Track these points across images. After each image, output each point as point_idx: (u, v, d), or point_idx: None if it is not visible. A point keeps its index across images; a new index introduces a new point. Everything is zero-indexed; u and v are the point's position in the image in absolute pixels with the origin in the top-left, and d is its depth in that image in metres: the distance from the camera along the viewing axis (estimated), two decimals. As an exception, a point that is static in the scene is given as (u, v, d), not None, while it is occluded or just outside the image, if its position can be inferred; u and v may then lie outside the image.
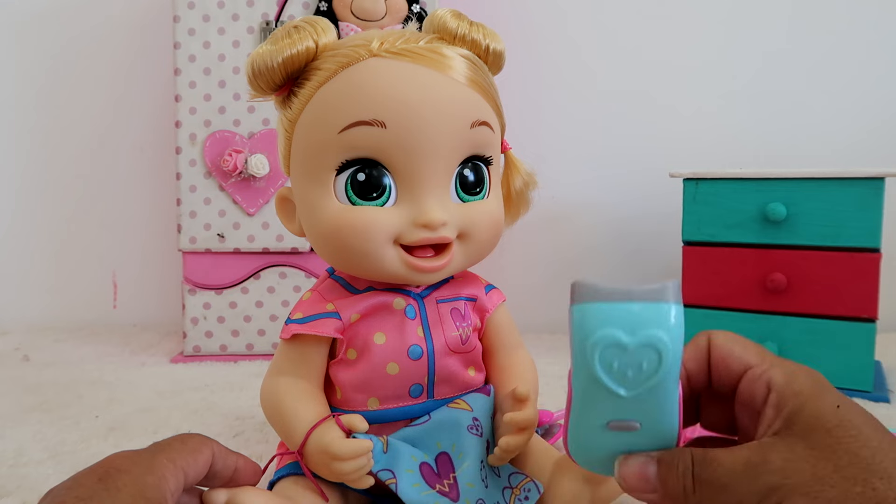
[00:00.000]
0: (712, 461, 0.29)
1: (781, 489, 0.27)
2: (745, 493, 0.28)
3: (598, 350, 0.29)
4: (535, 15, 1.21)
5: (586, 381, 0.30)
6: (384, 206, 0.42)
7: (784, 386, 0.30)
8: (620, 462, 0.31)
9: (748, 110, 1.17)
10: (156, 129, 1.24)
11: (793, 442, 0.28)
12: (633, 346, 0.29)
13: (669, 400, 0.31)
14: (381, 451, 0.42)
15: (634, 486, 0.31)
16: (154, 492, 0.32)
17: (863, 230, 0.79)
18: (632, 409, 0.31)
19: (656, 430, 0.31)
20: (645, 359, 0.29)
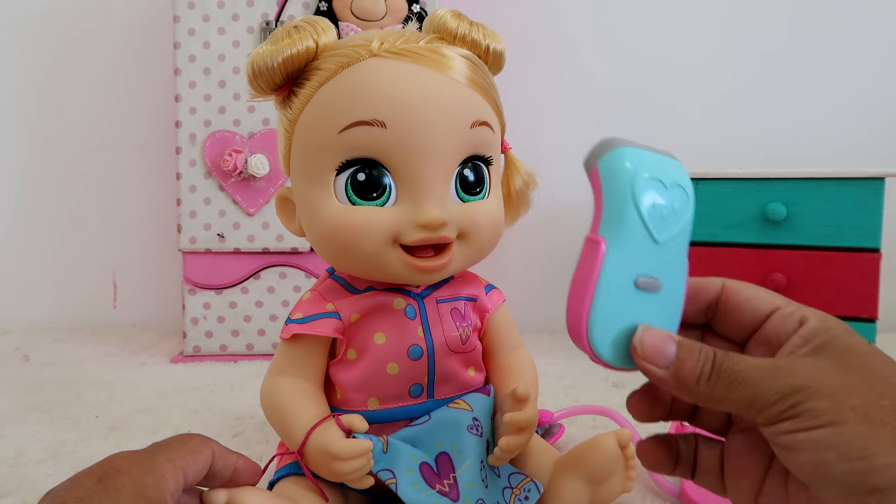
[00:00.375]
0: (735, 356, 0.28)
1: (805, 390, 0.26)
2: (764, 389, 0.27)
3: (643, 184, 0.30)
4: (535, 15, 1.21)
5: (627, 229, 0.30)
6: (384, 206, 0.42)
7: (818, 322, 0.29)
8: (644, 328, 0.30)
9: (748, 110, 1.17)
10: (156, 129, 1.24)
11: (821, 359, 0.27)
12: (669, 184, 0.31)
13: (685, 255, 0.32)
14: (381, 451, 0.42)
15: (649, 355, 0.29)
16: (154, 492, 0.31)
17: (863, 230, 0.80)
18: (659, 261, 0.31)
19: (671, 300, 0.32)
20: (677, 200, 0.31)
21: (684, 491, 0.51)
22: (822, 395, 0.26)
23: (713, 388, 0.28)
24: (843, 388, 0.26)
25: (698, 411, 0.34)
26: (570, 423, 0.68)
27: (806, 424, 0.26)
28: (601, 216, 0.31)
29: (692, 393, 0.29)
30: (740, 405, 0.28)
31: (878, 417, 0.25)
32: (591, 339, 0.30)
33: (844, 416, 0.25)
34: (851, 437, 0.25)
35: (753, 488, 0.31)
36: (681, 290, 0.32)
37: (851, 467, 0.25)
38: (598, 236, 0.31)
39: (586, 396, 0.78)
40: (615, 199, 0.31)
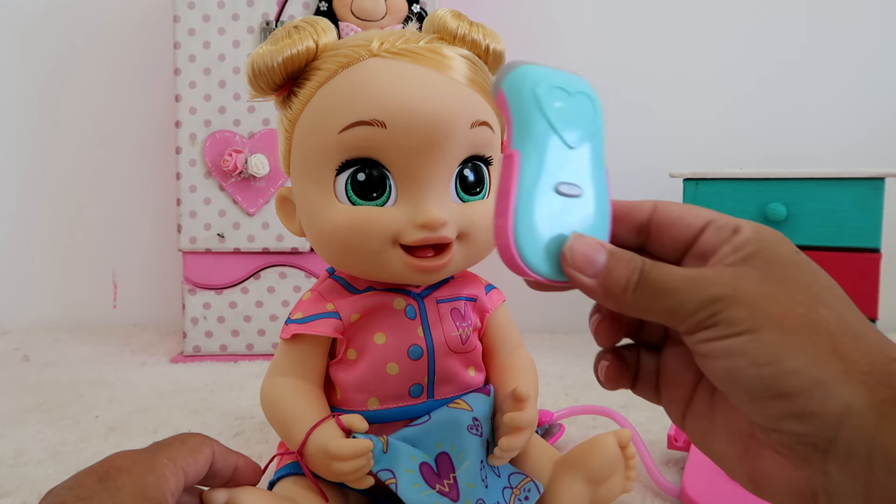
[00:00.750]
0: (662, 266, 0.28)
1: (724, 300, 0.26)
2: (687, 299, 0.27)
3: (545, 94, 0.31)
4: (535, 15, 1.21)
5: (538, 137, 0.31)
6: (384, 206, 0.42)
7: (751, 231, 0.29)
8: (576, 236, 0.30)
9: (748, 111, 1.18)
10: (156, 129, 1.24)
11: (746, 268, 0.28)
12: (573, 91, 0.33)
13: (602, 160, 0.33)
14: (380, 451, 0.42)
15: (579, 263, 0.29)
16: (154, 491, 0.32)
17: (863, 230, 0.80)
18: (575, 165, 0.32)
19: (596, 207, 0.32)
20: (582, 106, 0.33)
21: (684, 491, 0.51)
22: (741, 304, 0.26)
23: (639, 297, 0.28)
24: (762, 297, 0.26)
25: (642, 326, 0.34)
26: (570, 423, 0.68)
27: (722, 333, 0.26)
28: (512, 133, 0.32)
29: (618, 302, 0.29)
30: (664, 314, 0.28)
31: (791, 325, 0.26)
32: (519, 251, 0.30)
33: (759, 324, 0.26)
34: (763, 344, 0.26)
35: (684, 398, 0.32)
36: (605, 198, 0.33)
37: (760, 373, 0.25)
38: (511, 150, 0.31)
39: (586, 396, 0.78)
40: (522, 111, 0.32)
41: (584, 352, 1.02)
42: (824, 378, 0.25)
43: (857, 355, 0.25)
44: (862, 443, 0.24)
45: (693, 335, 0.27)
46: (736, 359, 0.26)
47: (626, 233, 0.32)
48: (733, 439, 0.29)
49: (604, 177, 0.33)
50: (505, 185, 0.31)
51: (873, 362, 0.25)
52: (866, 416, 0.24)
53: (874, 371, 0.25)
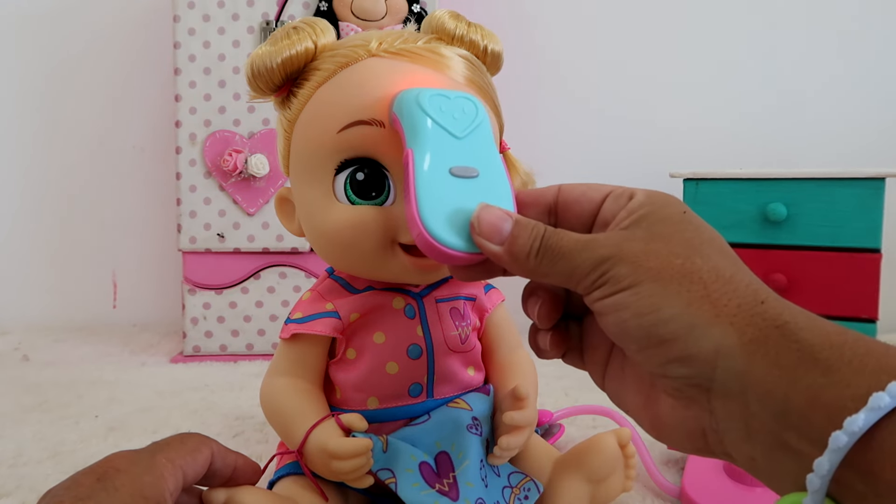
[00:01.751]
0: (562, 233, 0.30)
1: (611, 259, 0.28)
2: (580, 261, 0.29)
3: (426, 100, 0.36)
4: (534, 15, 1.21)
5: (424, 133, 0.35)
6: (383, 205, 0.42)
7: (644, 196, 0.31)
8: (482, 206, 0.32)
9: (748, 111, 1.17)
10: (156, 128, 1.24)
11: (635, 230, 0.29)
12: (453, 97, 0.37)
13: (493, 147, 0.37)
14: (380, 451, 0.42)
15: (487, 231, 0.31)
16: (152, 491, 0.32)
17: (863, 230, 0.79)
18: (467, 152, 0.36)
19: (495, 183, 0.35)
20: (464, 107, 0.37)
21: (684, 491, 0.51)
22: (625, 262, 0.28)
23: (540, 262, 0.30)
24: (644, 253, 0.28)
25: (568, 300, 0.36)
26: (570, 423, 0.68)
27: (610, 290, 0.28)
28: (405, 140, 0.36)
29: (523, 267, 0.31)
30: (563, 278, 0.30)
31: (668, 275, 0.27)
32: (429, 230, 0.32)
33: (640, 279, 0.28)
34: (643, 296, 0.27)
35: (602, 361, 0.34)
36: (502, 175, 0.36)
37: (641, 322, 0.27)
38: (405, 150, 0.35)
39: (586, 396, 0.78)
40: (410, 119, 0.36)
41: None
42: (696, 322, 0.27)
43: (726, 299, 0.27)
44: (736, 380, 0.26)
45: (589, 295, 0.29)
46: (622, 312, 0.28)
47: (536, 216, 0.34)
48: (639, 391, 0.31)
49: (499, 159, 0.37)
50: (405, 181, 0.34)
51: (741, 304, 0.27)
52: (737, 355, 0.26)
53: (742, 313, 0.27)
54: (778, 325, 0.26)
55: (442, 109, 0.36)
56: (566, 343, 0.35)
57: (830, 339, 0.25)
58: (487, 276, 0.35)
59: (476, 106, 0.38)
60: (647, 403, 0.31)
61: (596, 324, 0.32)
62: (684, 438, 0.29)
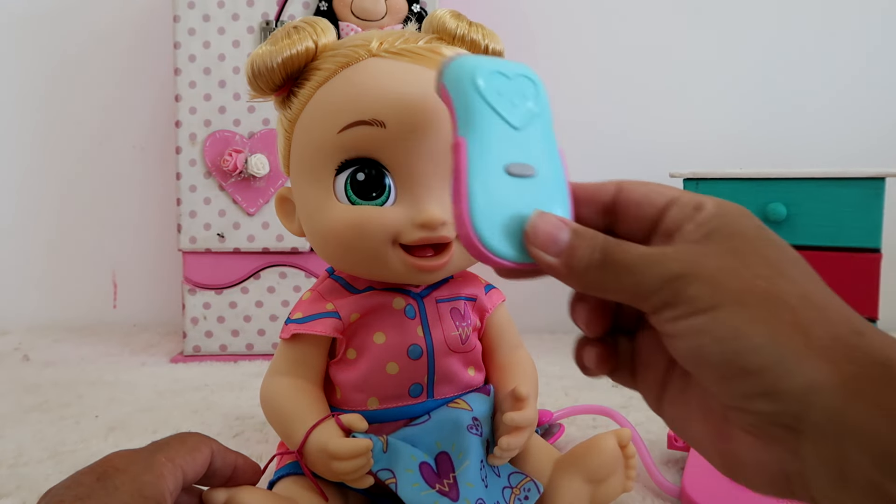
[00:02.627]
0: (625, 244, 0.28)
1: (686, 277, 0.26)
2: (648, 276, 0.26)
3: (484, 79, 0.32)
4: (534, 15, 1.21)
5: (481, 121, 0.31)
6: (384, 205, 0.42)
7: (714, 207, 0.28)
8: (538, 214, 0.29)
9: (748, 110, 1.17)
10: (156, 129, 1.24)
11: (708, 244, 0.27)
12: (512, 75, 0.33)
13: (552, 139, 0.33)
14: (380, 451, 0.42)
15: (542, 241, 0.29)
16: (152, 490, 0.32)
17: (863, 230, 0.80)
18: (524, 145, 0.32)
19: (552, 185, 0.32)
20: (524, 89, 0.33)
21: (684, 491, 0.51)
22: (702, 281, 0.26)
23: (602, 276, 0.28)
24: (723, 272, 0.26)
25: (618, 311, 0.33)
26: (570, 423, 0.68)
27: (684, 311, 0.26)
28: (457, 123, 0.32)
29: (582, 281, 0.28)
30: (627, 294, 0.27)
31: (752, 298, 0.25)
32: (478, 235, 0.29)
33: (720, 301, 0.25)
34: (724, 320, 0.25)
35: (659, 382, 0.31)
36: (561, 177, 0.32)
37: (723, 350, 0.25)
38: (457, 139, 0.31)
39: (586, 396, 0.78)
40: (463, 99, 0.32)
41: (584, 352, 1.02)
42: (786, 353, 0.24)
43: (819, 329, 0.25)
44: (832, 422, 0.23)
45: (657, 315, 0.27)
46: (699, 337, 0.25)
47: (592, 215, 0.32)
48: (707, 422, 0.29)
49: (557, 155, 0.33)
50: (456, 173, 0.31)
51: (836, 336, 0.24)
52: (833, 394, 0.23)
53: (837, 346, 0.24)
54: (881, 361, 0.23)
55: (500, 93, 0.32)
56: (614, 360, 0.32)
57: None
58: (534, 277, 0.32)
59: (536, 87, 0.34)
60: (717, 437, 0.28)
61: (652, 341, 0.30)
62: (763, 480, 0.26)
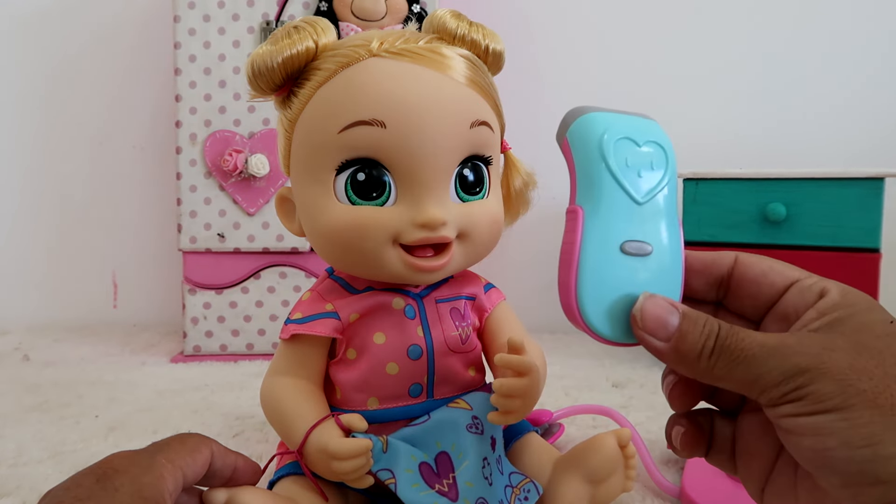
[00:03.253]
0: (741, 331, 0.26)
1: (811, 372, 0.24)
2: (769, 369, 0.25)
3: (613, 145, 0.30)
4: (535, 15, 1.21)
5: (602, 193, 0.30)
6: (384, 205, 0.42)
7: (838, 295, 0.27)
8: (646, 297, 0.28)
9: (748, 110, 1.17)
10: (156, 129, 1.24)
11: (833, 336, 0.25)
12: (642, 143, 0.31)
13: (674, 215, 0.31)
14: (380, 451, 0.42)
15: (650, 326, 0.27)
16: (152, 491, 0.32)
17: (863, 230, 0.80)
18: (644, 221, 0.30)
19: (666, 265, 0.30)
20: (652, 157, 0.31)
21: (684, 491, 0.51)
22: (829, 378, 0.24)
23: (715, 364, 0.26)
24: (854, 370, 0.24)
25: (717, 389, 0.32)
26: (570, 423, 0.68)
27: (809, 409, 0.24)
28: (576, 186, 0.31)
29: (692, 368, 0.27)
30: (742, 384, 0.26)
31: (889, 403, 0.23)
32: (582, 311, 0.29)
33: (851, 401, 0.24)
34: (857, 423, 0.23)
35: (763, 470, 0.29)
36: (677, 255, 0.31)
37: (854, 455, 0.23)
38: (575, 206, 0.30)
39: (586, 396, 0.78)
40: (587, 164, 0.30)
41: (584, 352, 1.02)
42: None
43: None
44: None
45: (776, 408, 0.25)
46: (826, 438, 0.24)
47: (704, 286, 0.30)
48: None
49: (677, 231, 0.31)
50: (569, 242, 0.30)
51: None
52: None
53: None
54: None
55: (628, 164, 0.30)
56: (704, 442, 0.31)
57: None
58: None
59: (666, 155, 0.31)
60: None
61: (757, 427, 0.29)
62: None
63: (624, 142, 0.30)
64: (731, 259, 0.30)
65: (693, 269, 0.31)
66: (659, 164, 0.31)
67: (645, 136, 0.31)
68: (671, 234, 0.31)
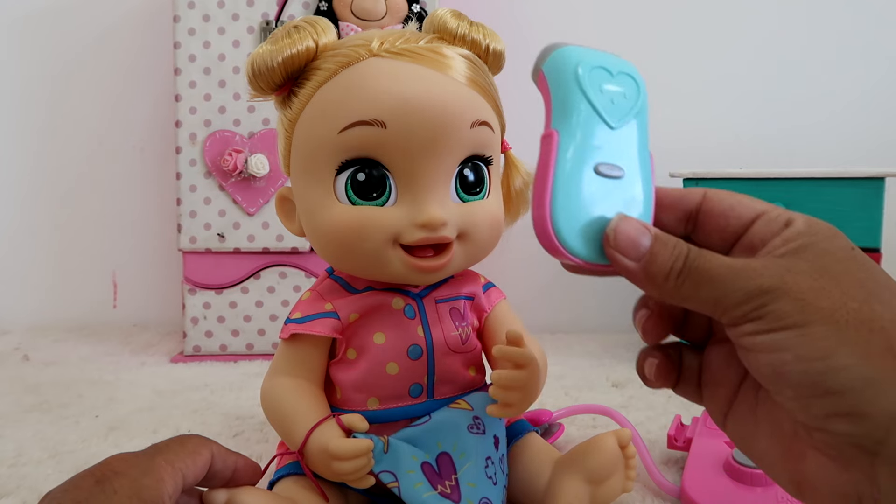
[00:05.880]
0: (708, 254, 0.27)
1: (773, 292, 0.25)
2: (733, 289, 0.26)
3: (587, 75, 0.31)
4: (535, 15, 1.21)
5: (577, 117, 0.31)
6: (384, 205, 0.42)
7: (804, 224, 0.27)
8: (621, 217, 0.29)
9: (748, 110, 1.17)
10: (156, 128, 1.23)
11: (796, 260, 0.26)
12: (616, 72, 0.32)
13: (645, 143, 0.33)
14: (381, 451, 0.42)
15: (622, 246, 0.28)
16: (151, 493, 0.32)
17: (863, 230, 0.79)
18: (617, 146, 0.31)
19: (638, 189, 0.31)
20: (625, 86, 0.32)
21: (684, 491, 0.51)
22: (790, 298, 0.25)
23: (682, 285, 0.27)
24: (813, 290, 0.25)
25: (686, 322, 0.33)
26: (569, 423, 0.68)
27: (769, 326, 0.25)
28: (551, 114, 0.31)
29: (660, 289, 0.28)
30: (707, 304, 0.27)
31: (844, 319, 0.25)
32: (556, 229, 0.29)
33: (809, 319, 0.25)
34: (812, 338, 0.25)
35: (727, 398, 0.31)
36: (648, 181, 0.32)
37: (808, 368, 0.25)
38: (550, 130, 0.31)
39: (586, 396, 0.78)
40: (562, 91, 0.31)
41: (584, 352, 1.02)
42: (876, 377, 0.24)
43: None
44: None
45: (737, 327, 0.26)
46: (782, 353, 0.25)
47: (673, 221, 0.31)
48: (776, 440, 0.28)
49: (648, 159, 0.32)
50: (543, 164, 0.30)
51: None
52: None
53: None
54: None
55: (602, 90, 0.31)
56: (675, 372, 0.32)
57: None
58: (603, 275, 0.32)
59: (638, 85, 0.33)
60: (786, 456, 0.28)
61: (724, 356, 0.30)
62: (833, 501, 0.26)
63: (598, 70, 0.31)
64: (700, 194, 0.31)
65: (662, 205, 0.31)
66: (631, 94, 0.33)
67: (618, 67, 0.32)
68: (643, 161, 0.32)
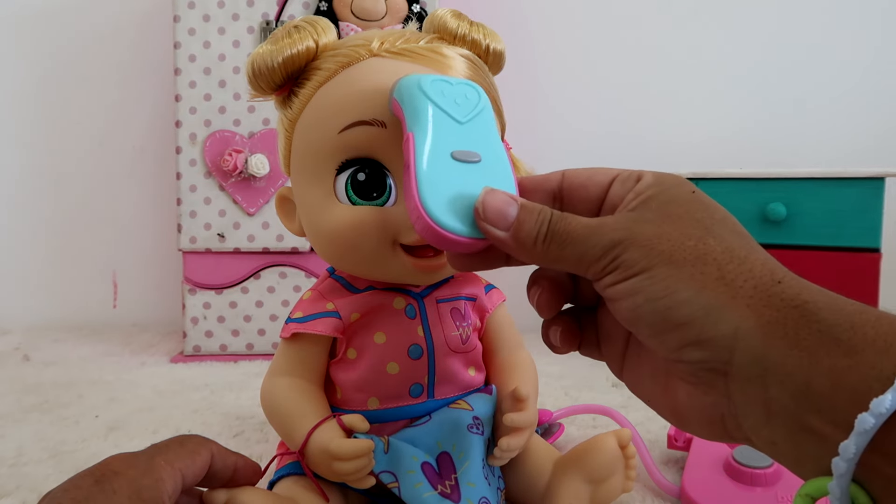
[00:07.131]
0: (569, 216, 0.30)
1: (623, 243, 0.28)
2: (591, 245, 0.28)
3: (428, 84, 0.36)
4: (536, 15, 1.21)
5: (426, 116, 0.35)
6: (384, 205, 0.42)
7: (652, 177, 0.30)
8: (487, 191, 0.31)
9: (748, 110, 1.17)
10: (156, 128, 1.23)
11: (644, 211, 0.29)
12: (455, 83, 0.37)
13: (495, 133, 0.37)
14: (382, 451, 0.42)
15: (492, 216, 0.30)
16: (151, 493, 0.31)
17: (863, 230, 0.80)
18: (469, 137, 0.35)
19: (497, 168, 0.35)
20: (466, 93, 0.37)
21: (684, 491, 0.51)
22: (637, 246, 0.27)
23: (548, 248, 0.29)
24: (657, 236, 0.28)
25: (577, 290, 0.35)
26: (570, 423, 0.68)
27: (623, 275, 0.28)
28: (405, 122, 0.35)
29: (530, 253, 0.30)
30: (571, 264, 0.29)
31: (681, 257, 0.27)
32: (430, 213, 0.31)
33: (653, 262, 0.27)
34: (657, 280, 0.27)
35: (620, 351, 0.33)
36: (505, 162, 0.35)
37: (656, 306, 0.27)
38: (406, 134, 0.34)
39: (586, 396, 0.78)
40: (411, 102, 0.36)
41: (585, 352, 1.02)
42: (712, 304, 0.26)
43: (741, 280, 0.26)
44: (754, 363, 0.25)
45: (600, 281, 0.29)
46: (635, 297, 0.27)
47: (540, 202, 0.33)
48: (655, 379, 0.31)
49: (501, 145, 0.36)
50: (406, 163, 0.33)
51: (758, 285, 0.26)
52: (754, 337, 0.25)
53: (758, 294, 0.26)
54: (796, 304, 0.25)
55: (444, 94, 0.36)
56: (577, 336, 0.35)
57: (852, 318, 0.24)
58: (488, 266, 0.34)
59: (478, 92, 0.37)
60: (664, 391, 0.30)
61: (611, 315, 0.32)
62: (703, 425, 0.28)
63: (438, 82, 0.36)
64: (559, 174, 0.34)
65: (527, 189, 0.34)
66: (472, 97, 0.37)
67: (456, 80, 0.37)
68: (496, 146, 0.36)
